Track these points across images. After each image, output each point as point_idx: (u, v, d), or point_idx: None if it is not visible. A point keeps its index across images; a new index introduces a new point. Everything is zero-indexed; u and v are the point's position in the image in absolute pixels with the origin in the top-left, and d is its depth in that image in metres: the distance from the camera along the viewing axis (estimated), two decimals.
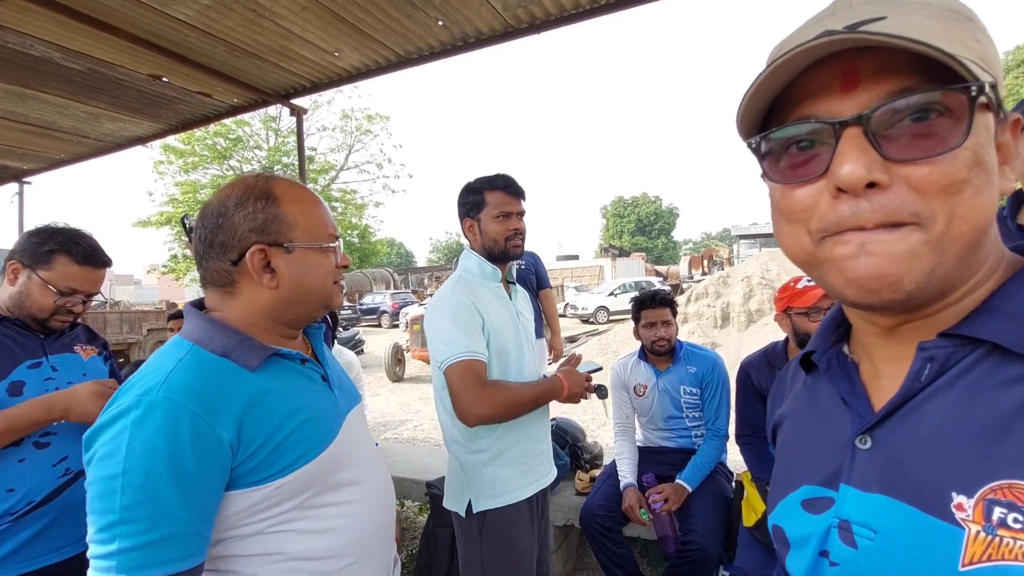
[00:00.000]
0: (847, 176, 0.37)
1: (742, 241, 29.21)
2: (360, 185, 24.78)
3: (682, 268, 31.29)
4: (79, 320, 1.45)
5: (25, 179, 5.21)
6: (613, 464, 2.30)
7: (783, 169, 0.43)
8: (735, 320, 8.99)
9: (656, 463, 2.26)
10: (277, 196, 0.82)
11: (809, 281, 1.88)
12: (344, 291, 0.95)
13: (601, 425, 5.76)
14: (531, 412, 1.50)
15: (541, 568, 1.65)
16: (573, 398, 1.53)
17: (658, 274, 28.17)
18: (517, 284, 1.69)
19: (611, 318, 17.16)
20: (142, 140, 4.24)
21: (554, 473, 1.68)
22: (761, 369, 1.97)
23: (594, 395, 1.60)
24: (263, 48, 2.85)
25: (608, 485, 2.22)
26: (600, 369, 1.67)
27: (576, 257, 36.19)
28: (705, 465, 2.14)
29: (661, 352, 2.27)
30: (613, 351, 9.37)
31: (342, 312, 16.58)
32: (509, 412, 1.42)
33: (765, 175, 0.45)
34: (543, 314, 3.66)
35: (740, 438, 2.02)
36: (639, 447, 2.34)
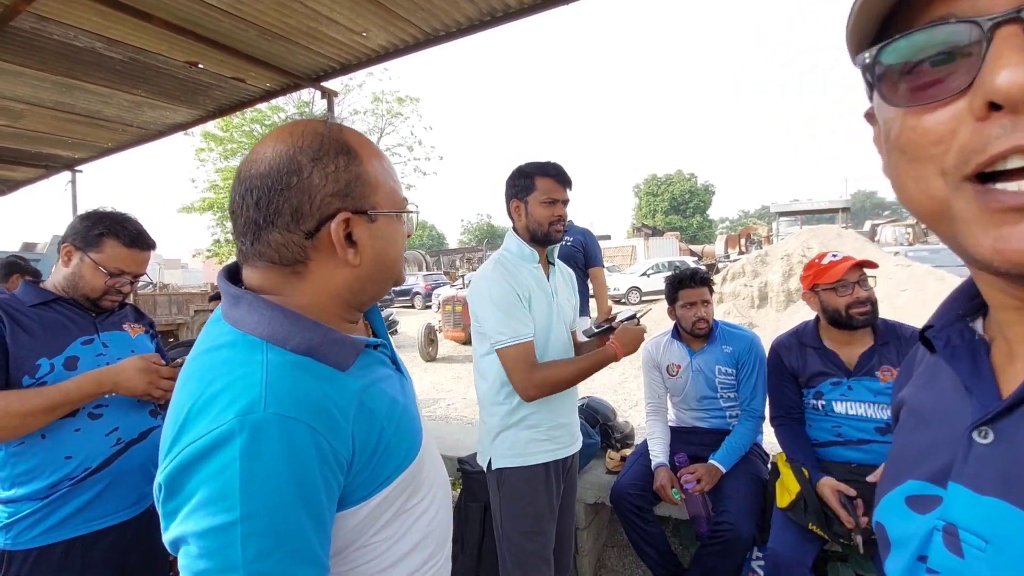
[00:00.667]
0: (1005, 84, 0.28)
1: (782, 219, 28.11)
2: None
3: (718, 247, 30.45)
4: (127, 300, 1.53)
5: (77, 168, 5.47)
6: (644, 443, 2.28)
7: (907, 90, 0.34)
8: (773, 300, 8.72)
9: (689, 443, 2.23)
10: (356, 151, 0.66)
11: (834, 256, 1.81)
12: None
13: (633, 405, 5.74)
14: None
15: (565, 543, 1.76)
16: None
17: (693, 254, 27.53)
18: (558, 263, 1.79)
19: (643, 298, 16.96)
20: (182, 127, 4.37)
21: (578, 445, 1.77)
22: (792, 349, 1.94)
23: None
24: (293, 31, 2.87)
25: (639, 464, 2.20)
26: (634, 317, 1.79)
27: (608, 237, 35.69)
28: (740, 446, 2.10)
29: (701, 333, 2.22)
30: (648, 332, 9.26)
31: None
32: (559, 387, 1.56)
33: (883, 99, 0.36)
34: (592, 292, 3.61)
35: (775, 419, 1.98)
36: (671, 427, 2.31)
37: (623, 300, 17.45)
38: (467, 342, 8.95)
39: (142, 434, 1.40)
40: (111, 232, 1.36)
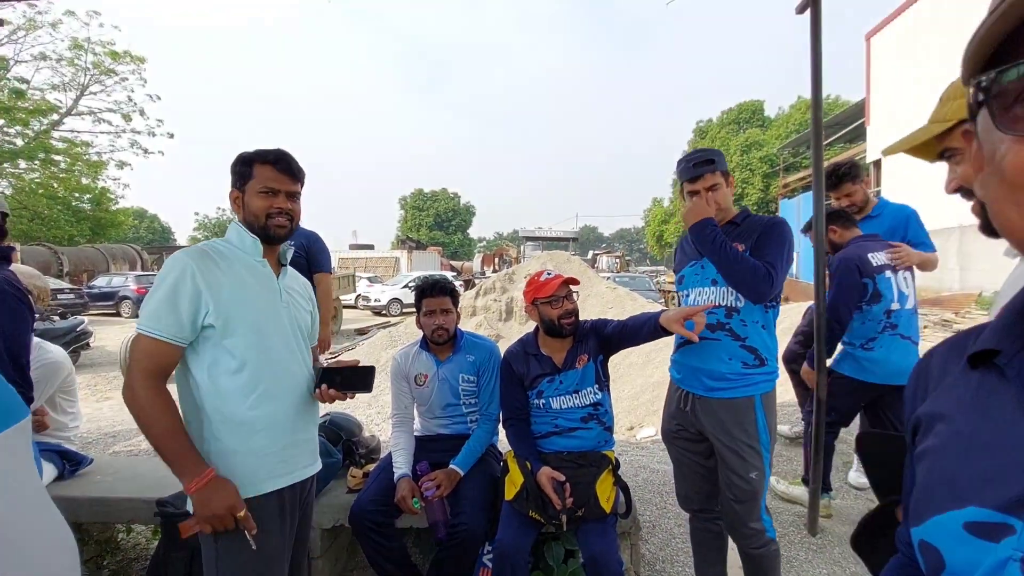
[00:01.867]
0: None
1: (528, 243, 32.17)
2: (98, 139, 19.80)
3: (475, 264, 32.98)
4: None
5: None
6: (388, 457, 2.24)
7: (1019, 115, 0.33)
8: (518, 314, 9.80)
9: (432, 451, 2.28)
10: None
11: (549, 274, 2.12)
12: (66, 270, 0.61)
13: (387, 418, 5.66)
14: (292, 400, 1.47)
15: None
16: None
17: (453, 269, 29.13)
18: (291, 270, 1.60)
19: (404, 310, 17.11)
20: None
21: (317, 466, 1.60)
22: (519, 356, 2.18)
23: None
24: None
25: (382, 478, 2.15)
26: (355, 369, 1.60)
27: (371, 247, 35.07)
28: (477, 449, 2.24)
29: (441, 341, 2.30)
30: (404, 343, 9.33)
31: (62, 296, 12.93)
32: (142, 423, 1.28)
33: (994, 123, 0.36)
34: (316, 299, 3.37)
35: (506, 421, 2.18)
36: (416, 436, 2.34)
37: (384, 312, 17.29)
38: None
39: None
40: None
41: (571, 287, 2.10)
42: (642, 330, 1.94)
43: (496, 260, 34.27)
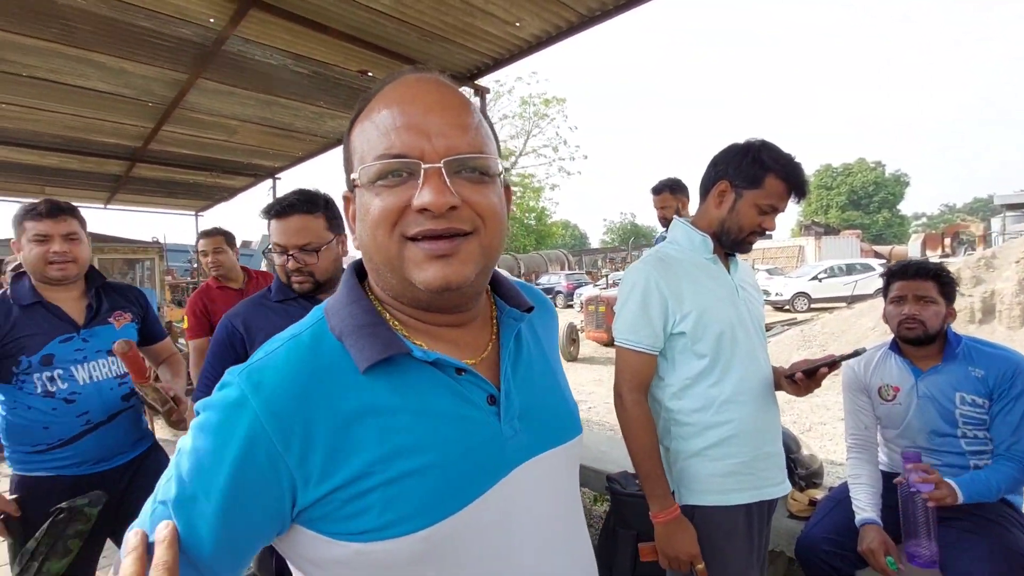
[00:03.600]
0: None
1: (1009, 213, 22.48)
2: (537, 169, 25.57)
3: (911, 248, 25.46)
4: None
5: (276, 175, 6.38)
6: (844, 488, 1.82)
7: None
8: (1004, 315, 6.91)
9: None
10: (357, 112, 0.57)
11: None
12: (522, 272, 0.65)
13: (806, 430, 4.92)
14: (757, 398, 1.34)
15: None
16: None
17: (878, 255, 23.43)
18: (738, 258, 1.47)
19: (813, 306, 14.83)
20: None
21: (787, 486, 1.40)
22: None
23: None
24: (450, 29, 2.91)
25: (838, 514, 1.76)
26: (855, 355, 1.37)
27: (768, 236, 32.23)
28: (990, 486, 1.54)
29: (910, 337, 1.70)
30: (819, 344, 8.03)
31: None
32: (627, 437, 1.32)
33: None
34: None
35: None
36: (883, 472, 1.81)
37: (787, 307, 15.48)
38: (610, 344, 8.60)
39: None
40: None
41: None
42: None
43: (947, 241, 25.59)
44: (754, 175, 1.29)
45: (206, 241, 2.79)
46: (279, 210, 1.36)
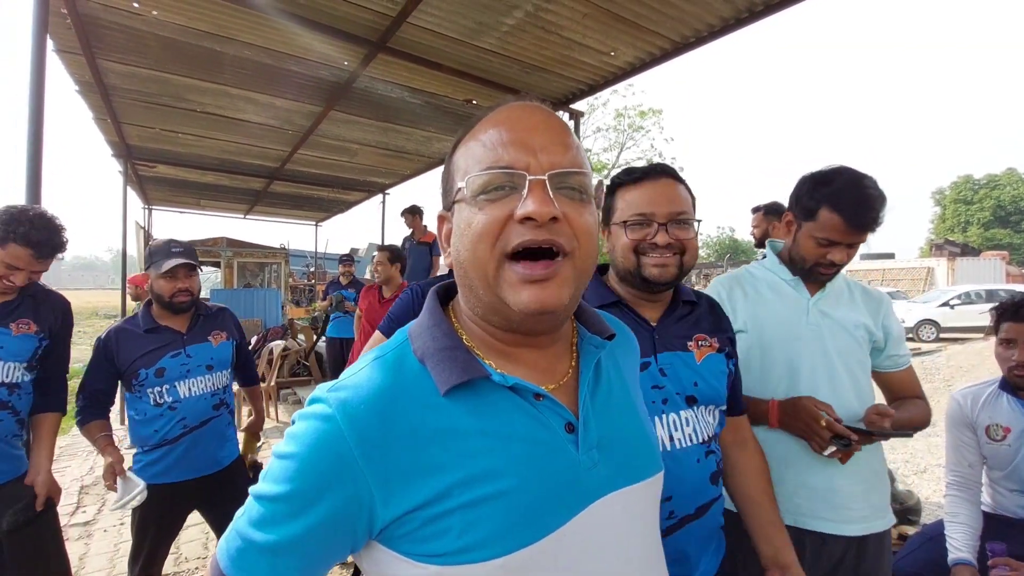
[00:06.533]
0: None
1: None
2: None
3: None
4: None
5: (386, 191, 7.03)
6: (940, 525, 1.74)
7: None
8: None
9: (1013, 539, 1.62)
10: (462, 135, 0.59)
11: None
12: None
13: (920, 471, 4.50)
14: None
15: None
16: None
17: None
18: (849, 284, 1.41)
19: (942, 335, 13.13)
20: None
21: (844, 527, 1.27)
22: None
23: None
24: (549, 61, 3.14)
25: (930, 550, 1.70)
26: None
27: (891, 256, 28.86)
28: None
29: (1021, 386, 1.62)
30: (944, 380, 7.19)
31: None
32: None
33: None
34: None
35: None
36: (985, 512, 1.72)
37: (912, 336, 13.85)
38: None
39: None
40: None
41: None
42: None
43: None
44: (808, 207, 1.26)
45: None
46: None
